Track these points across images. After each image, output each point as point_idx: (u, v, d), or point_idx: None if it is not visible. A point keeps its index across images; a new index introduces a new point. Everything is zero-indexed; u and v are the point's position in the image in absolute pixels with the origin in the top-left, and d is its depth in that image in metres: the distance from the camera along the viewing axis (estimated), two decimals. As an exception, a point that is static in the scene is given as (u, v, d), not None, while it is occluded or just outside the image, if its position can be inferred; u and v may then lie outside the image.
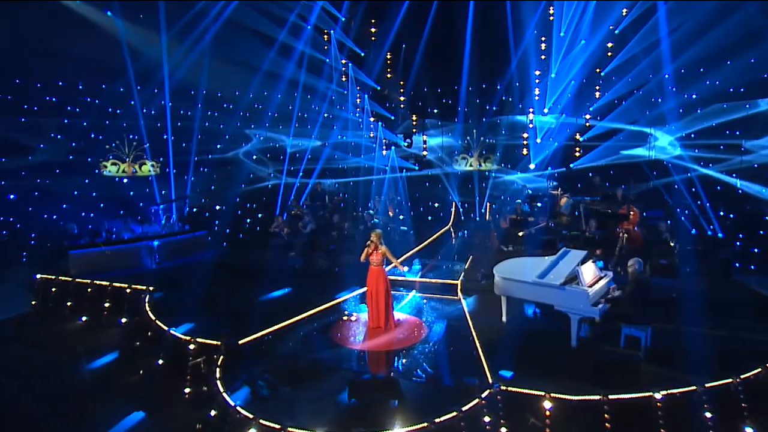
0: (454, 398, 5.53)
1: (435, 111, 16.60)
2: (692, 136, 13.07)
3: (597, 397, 5.45)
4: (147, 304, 8.38)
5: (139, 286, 9.00)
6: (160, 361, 6.91)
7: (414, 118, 16.21)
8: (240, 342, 7.12)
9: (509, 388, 5.62)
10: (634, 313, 6.78)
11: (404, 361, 6.79)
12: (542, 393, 5.48)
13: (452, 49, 15.16)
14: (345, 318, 8.15)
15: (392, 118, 16.17)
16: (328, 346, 7.26)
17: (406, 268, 7.74)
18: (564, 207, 12.13)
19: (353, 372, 6.58)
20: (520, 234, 11.40)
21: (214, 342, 6.79)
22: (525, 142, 15.44)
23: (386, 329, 7.78)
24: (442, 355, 6.93)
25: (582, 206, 10.98)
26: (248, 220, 15.20)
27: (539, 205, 12.54)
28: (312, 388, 6.19)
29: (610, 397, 5.47)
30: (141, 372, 6.91)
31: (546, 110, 14.75)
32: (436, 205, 16.11)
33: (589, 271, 7.32)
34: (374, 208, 12.99)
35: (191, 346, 6.83)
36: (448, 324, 7.82)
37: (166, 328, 7.47)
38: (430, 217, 15.19)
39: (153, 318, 8.00)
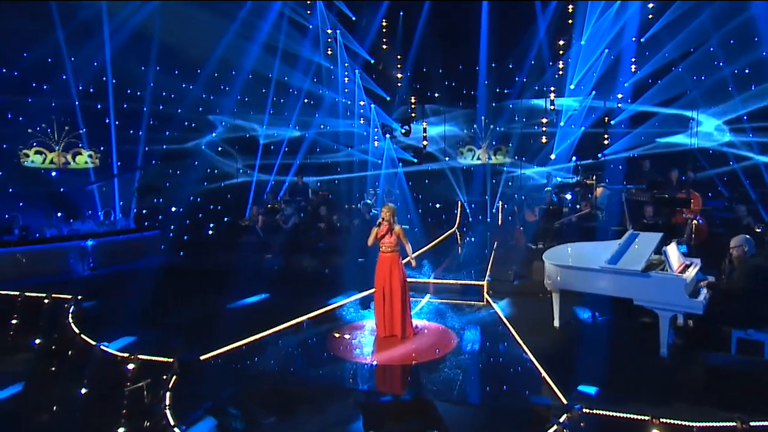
0: (517, 424, 4.68)
1: (436, 95, 15.71)
2: (744, 118, 12.13)
3: (729, 424, 4.27)
4: (71, 317, 7.34)
5: (62, 296, 7.90)
6: (84, 390, 5.60)
7: (413, 100, 15.15)
8: (201, 357, 6.01)
9: (597, 411, 4.58)
10: (747, 310, 5.44)
11: (435, 377, 5.57)
12: (646, 417, 4.41)
13: (458, 19, 14.30)
14: (345, 327, 7.12)
15: (388, 98, 15.11)
16: (326, 361, 6.07)
17: (414, 263, 6.77)
18: (600, 198, 11.14)
19: (365, 393, 5.39)
20: (555, 225, 10.26)
21: (164, 359, 5.75)
22: (544, 129, 14.46)
23: (403, 338, 6.50)
24: (486, 370, 5.87)
25: (625, 196, 9.91)
26: (211, 225, 13.71)
27: (569, 196, 11.55)
28: (308, 416, 4.94)
29: (753, 424, 4.22)
30: (55, 408, 5.50)
31: (572, 86, 13.83)
32: (438, 205, 15.32)
33: (674, 256, 6.07)
34: (372, 198, 11.75)
35: (130, 366, 5.57)
36: (483, 331, 6.91)
37: (93, 343, 6.44)
38: (429, 219, 14.38)
39: (77, 332, 6.92)
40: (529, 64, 14.23)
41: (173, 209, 13.60)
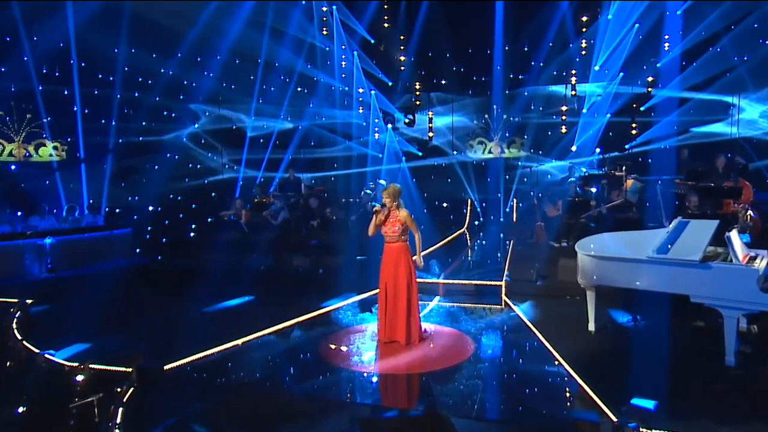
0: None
1: (443, 81, 15.27)
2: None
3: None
4: (15, 323, 6.89)
5: (6, 299, 7.70)
6: (22, 408, 5.09)
7: (417, 86, 14.71)
8: (165, 367, 5.50)
9: (657, 431, 3.99)
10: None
11: (449, 388, 4.97)
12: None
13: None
14: (341, 332, 6.61)
15: (390, 83, 14.68)
16: (318, 370, 5.52)
17: (422, 263, 6.18)
18: (630, 192, 10.55)
19: (363, 407, 4.80)
20: (582, 219, 9.77)
21: (121, 369, 5.30)
22: (564, 118, 13.99)
23: (409, 343, 5.90)
24: (512, 380, 5.29)
25: (660, 188, 9.44)
26: (193, 226, 13.27)
27: (594, 190, 11.02)
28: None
29: None
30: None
31: (597, 67, 13.29)
32: (445, 204, 14.92)
33: (738, 245, 5.46)
34: (373, 189, 11.20)
35: (79, 377, 5.08)
36: (504, 336, 6.40)
37: (37, 351, 5.96)
38: (436, 218, 13.84)
39: (19, 338, 6.44)
40: (547, 46, 13.71)
41: (150, 208, 13.26)
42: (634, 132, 13.33)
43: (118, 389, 4.91)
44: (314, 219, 10.55)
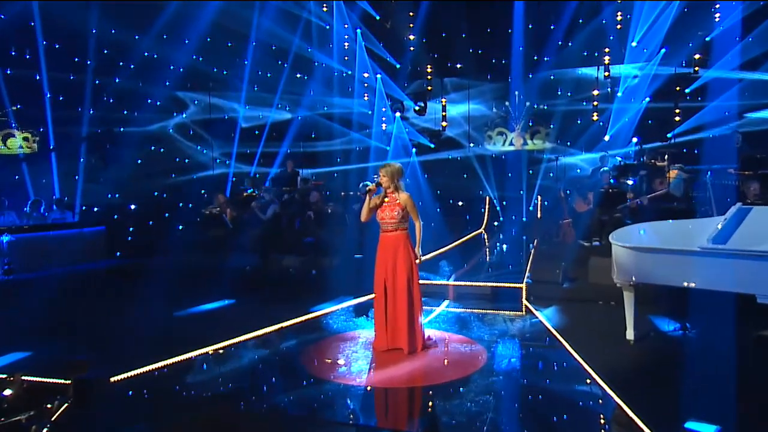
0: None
1: (459, 65, 14.84)
2: None
3: None
4: None
5: None
6: None
7: (429, 70, 14.42)
8: (113, 378, 5.09)
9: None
10: None
11: (455, 405, 4.45)
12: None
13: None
14: (330, 339, 6.22)
15: (398, 65, 14.32)
16: (298, 383, 5.06)
17: (419, 257, 5.61)
18: (673, 184, 10.06)
19: (356, 428, 4.37)
20: (617, 214, 9.30)
21: (60, 381, 4.92)
22: (595, 104, 13.45)
23: (410, 352, 5.39)
24: (533, 397, 4.72)
25: (710, 180, 9.02)
26: (180, 227, 13.00)
27: (630, 182, 10.56)
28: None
29: None
30: None
31: (634, 43, 12.76)
32: (460, 203, 14.51)
33: None
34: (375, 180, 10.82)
35: (7, 392, 4.71)
36: (524, 345, 5.89)
37: None
38: (451, 218, 13.54)
39: None
40: (576, 23, 13.26)
41: (132, 207, 13.10)
42: (677, 119, 12.67)
43: (49, 405, 4.44)
44: (309, 210, 10.36)
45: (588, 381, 4.80)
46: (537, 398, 4.64)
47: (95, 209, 12.72)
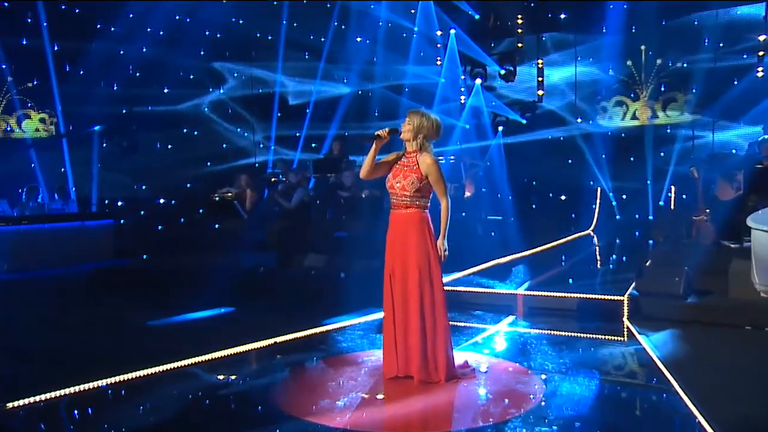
0: None
1: (562, 15, 14.22)
2: None
3: None
4: None
5: None
6: None
7: (519, 22, 13.95)
8: (9, 405, 4.76)
9: None
10: None
11: None
12: None
13: None
14: (330, 359, 5.75)
15: (477, 16, 13.91)
16: (262, 421, 4.56)
17: (445, 251, 4.82)
18: None
19: None
20: None
21: None
22: (761, 54, 12.30)
23: (423, 380, 4.67)
24: None
25: None
26: (216, 226, 13.34)
27: None
28: None
29: None
30: None
31: None
32: (563, 197, 14.09)
33: None
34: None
35: None
36: (609, 382, 5.26)
37: None
38: (548, 217, 13.31)
39: None
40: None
41: (161, 201, 13.70)
42: None
43: None
44: (342, 196, 10.29)
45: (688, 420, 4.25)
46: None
47: (119, 203, 13.29)
